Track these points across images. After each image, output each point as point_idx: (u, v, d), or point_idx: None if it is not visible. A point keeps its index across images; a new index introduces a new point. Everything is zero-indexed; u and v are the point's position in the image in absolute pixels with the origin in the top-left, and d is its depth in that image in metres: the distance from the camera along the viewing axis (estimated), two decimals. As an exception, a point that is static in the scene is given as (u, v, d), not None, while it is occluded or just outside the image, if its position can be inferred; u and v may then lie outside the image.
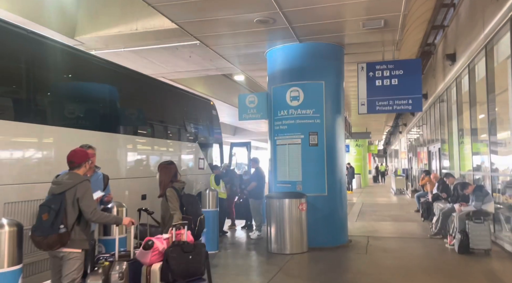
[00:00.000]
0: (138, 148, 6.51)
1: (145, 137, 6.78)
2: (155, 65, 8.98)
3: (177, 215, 3.74)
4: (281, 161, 7.22)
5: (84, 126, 5.30)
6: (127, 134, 6.20)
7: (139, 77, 6.78)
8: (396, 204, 14.68)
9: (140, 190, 6.35)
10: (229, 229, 9.24)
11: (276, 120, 7.36)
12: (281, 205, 6.54)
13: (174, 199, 3.78)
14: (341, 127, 7.42)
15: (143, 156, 6.63)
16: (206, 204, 6.62)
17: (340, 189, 7.29)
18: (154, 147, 6.99)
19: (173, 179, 4.00)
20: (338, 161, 7.25)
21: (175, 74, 9.81)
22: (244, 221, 9.32)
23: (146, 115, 7.04)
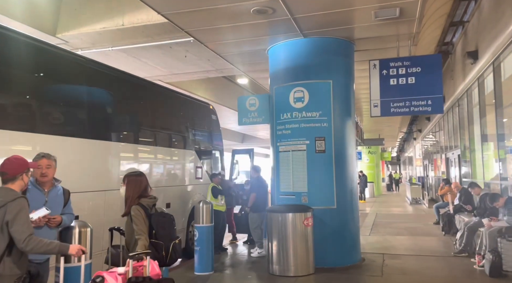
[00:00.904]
0: (123, 156, 5.82)
1: (132, 145, 6.09)
2: (150, 67, 8.36)
3: (142, 241, 2.99)
4: (284, 169, 6.45)
5: (53, 132, 4.63)
6: (109, 141, 5.52)
7: (123, 76, 6.12)
8: (412, 215, 13.72)
9: (121, 203, 5.63)
10: (230, 243, 8.48)
11: (278, 125, 6.61)
12: (284, 220, 5.76)
13: (141, 220, 3.04)
14: (351, 132, 6.63)
15: (128, 165, 5.94)
16: (199, 218, 5.88)
17: (351, 201, 6.48)
18: (143, 155, 6.30)
19: (143, 194, 3.26)
20: (349, 169, 6.46)
21: (172, 76, 9.17)
22: (246, 235, 8.55)
23: (134, 120, 6.37)
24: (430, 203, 16.78)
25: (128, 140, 6.04)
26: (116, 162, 5.60)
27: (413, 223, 11.46)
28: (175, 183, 7.06)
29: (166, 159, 6.93)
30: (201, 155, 8.05)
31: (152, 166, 6.47)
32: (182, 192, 7.24)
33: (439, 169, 18.47)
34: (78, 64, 5.23)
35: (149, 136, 6.60)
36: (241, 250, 7.93)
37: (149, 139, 6.55)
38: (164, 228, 3.07)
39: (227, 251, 7.77)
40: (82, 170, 4.96)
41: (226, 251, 7.74)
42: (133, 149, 6.02)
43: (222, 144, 9.10)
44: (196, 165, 7.83)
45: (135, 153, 6.08)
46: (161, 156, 6.79)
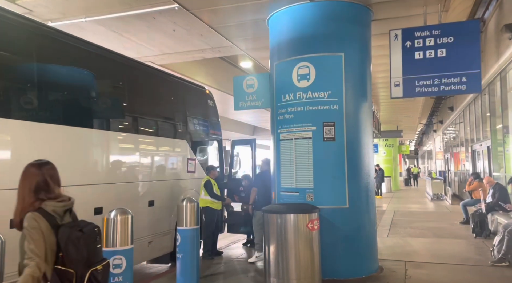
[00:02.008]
0: (96, 144, 4.86)
1: (105, 132, 5.11)
2: (135, 44, 7.36)
3: (31, 268, 1.91)
4: (286, 161, 5.40)
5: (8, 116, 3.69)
6: (72, 126, 4.54)
7: (98, 51, 5.14)
8: (435, 213, 12.48)
9: (94, 201, 4.69)
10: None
11: (279, 108, 5.55)
12: (284, 223, 4.71)
13: (37, 235, 1.93)
14: (367, 116, 5.52)
15: (102, 156, 4.98)
16: (182, 219, 4.89)
17: (367, 199, 5.39)
18: (120, 145, 5.32)
19: (43, 195, 2.14)
20: (364, 160, 5.36)
21: (164, 58, 8.17)
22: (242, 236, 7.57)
23: (109, 103, 5.40)
24: (454, 199, 15.47)
25: (100, 126, 5.06)
26: (83, 153, 4.63)
27: (436, 222, 10.26)
28: (161, 177, 6.08)
29: (150, 149, 5.94)
30: (194, 145, 7.05)
31: (132, 157, 5.50)
32: (170, 187, 6.26)
33: (462, 163, 17.10)
34: (38, 34, 4.26)
35: (128, 123, 5.62)
36: (239, 254, 6.93)
37: (128, 126, 5.57)
38: (78, 248, 1.98)
39: (222, 255, 6.78)
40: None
41: (221, 255, 6.75)
42: (106, 137, 5.04)
43: (220, 133, 8.08)
44: (188, 157, 6.83)
45: (110, 141, 5.10)
46: (144, 145, 5.80)
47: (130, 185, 5.37)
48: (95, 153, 4.87)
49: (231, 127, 21.55)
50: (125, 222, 3.70)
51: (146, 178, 5.75)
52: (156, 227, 5.86)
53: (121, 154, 5.30)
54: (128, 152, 5.46)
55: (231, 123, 21.83)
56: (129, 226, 3.73)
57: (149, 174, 5.84)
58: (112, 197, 5.00)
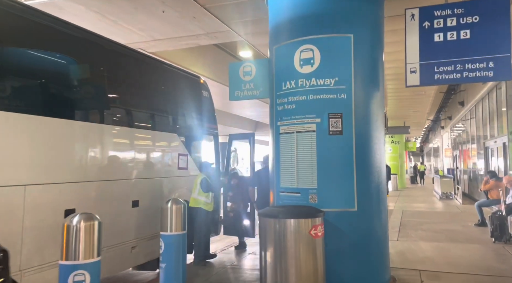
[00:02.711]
0: (69, 137, 4.24)
1: (83, 123, 4.48)
2: (122, 28, 6.71)
3: None
4: (286, 157, 4.75)
5: None
6: (43, 116, 3.93)
7: (73, 32, 4.51)
8: (445, 213, 11.80)
9: (64, 202, 4.08)
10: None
11: (279, 97, 4.89)
12: (283, 229, 4.07)
13: None
14: (379, 107, 4.86)
15: (76, 151, 4.35)
16: (166, 224, 4.27)
17: (378, 201, 4.74)
18: (98, 138, 4.69)
19: None
20: (375, 157, 4.71)
21: (155, 44, 7.52)
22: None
23: (87, 91, 4.77)
24: (465, 198, 14.79)
25: (73, 116, 4.43)
26: (52, 147, 4.01)
27: (449, 223, 9.59)
28: (148, 174, 5.46)
29: (135, 144, 5.32)
30: (186, 139, 6.42)
31: (112, 153, 4.88)
32: (158, 186, 5.64)
33: (473, 160, 16.39)
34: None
35: (108, 113, 4.99)
36: (235, 260, 6.31)
37: (108, 117, 4.95)
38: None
39: (214, 258, 6.16)
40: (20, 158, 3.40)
41: (214, 260, 6.13)
42: (81, 129, 4.42)
43: (216, 127, 7.44)
44: (180, 152, 6.20)
45: (86, 134, 4.48)
46: (127, 139, 5.18)
47: (110, 184, 4.75)
48: (68, 146, 4.23)
49: (232, 122, 20.91)
50: (90, 229, 3.06)
51: (130, 176, 5.13)
52: (141, 231, 5.24)
53: (99, 149, 4.67)
54: (108, 147, 4.83)
55: (232, 119, 21.19)
56: (96, 235, 3.09)
57: (134, 171, 5.22)
58: (87, 197, 4.39)
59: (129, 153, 5.18)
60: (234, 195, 6.82)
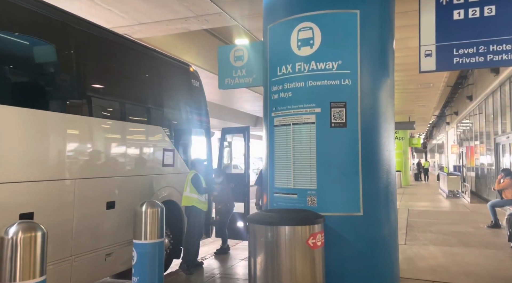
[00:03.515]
0: (26, 129, 3.62)
1: (53, 114, 3.87)
2: (104, 10, 6.08)
3: None
4: (281, 153, 4.12)
5: None
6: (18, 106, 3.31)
7: (32, 7, 3.87)
8: (454, 213, 11.16)
9: (20, 204, 3.47)
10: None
11: (273, 84, 4.26)
12: (276, 238, 3.44)
13: None
14: (388, 95, 4.22)
15: (38, 145, 3.74)
16: (140, 230, 3.66)
17: (387, 204, 4.11)
18: (66, 130, 4.07)
19: None
20: (383, 153, 4.07)
21: (141, 29, 6.88)
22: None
23: (57, 77, 4.15)
24: (473, 196, 14.15)
25: (37, 105, 3.81)
26: (6, 139, 3.40)
27: (459, 224, 8.95)
28: (126, 171, 4.85)
29: (111, 137, 4.70)
30: (173, 133, 5.80)
31: (83, 147, 4.26)
32: (138, 184, 5.03)
33: (481, 157, 15.73)
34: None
35: (81, 103, 4.38)
36: (228, 267, 5.71)
37: (81, 107, 4.32)
38: None
39: (202, 266, 5.57)
40: None
41: (202, 267, 5.54)
42: (48, 119, 3.80)
43: (208, 120, 6.81)
44: (165, 147, 5.58)
45: (53, 125, 3.87)
46: (102, 132, 4.56)
47: (80, 183, 4.13)
48: (24, 139, 3.61)
49: (230, 117, 20.26)
50: (31, 242, 2.45)
51: (104, 173, 4.51)
52: (117, 235, 4.63)
53: (66, 142, 4.05)
54: (78, 140, 4.21)
55: (230, 114, 20.55)
56: (39, 249, 2.48)
57: (109, 168, 4.60)
58: (49, 198, 3.77)
59: (103, 147, 4.56)
60: (220, 195, 6.23)
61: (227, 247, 6.46)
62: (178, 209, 5.75)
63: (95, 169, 4.37)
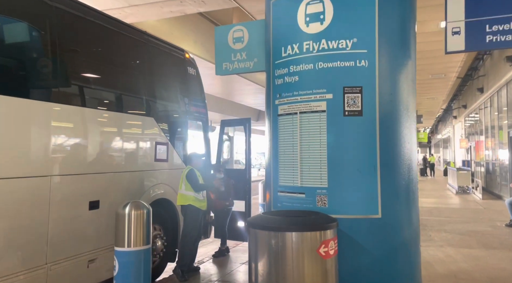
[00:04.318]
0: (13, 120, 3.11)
1: (30, 102, 3.35)
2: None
3: None
4: (286, 146, 3.59)
5: None
6: None
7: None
8: (467, 210, 10.61)
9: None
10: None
11: (277, 67, 3.72)
12: (281, 246, 2.92)
13: None
14: (410, 79, 3.67)
15: (8, 137, 3.22)
16: (122, 236, 3.14)
17: (408, 204, 3.57)
18: (47, 122, 3.55)
19: None
20: (404, 145, 3.53)
21: (132, 11, 6.33)
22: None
23: (20, 58, 3.62)
24: (485, 193, 13.59)
25: (15, 93, 3.29)
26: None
27: (475, 223, 8.41)
28: (113, 167, 4.33)
29: (95, 129, 4.17)
30: (167, 125, 5.28)
31: (64, 140, 3.75)
32: (127, 182, 4.51)
33: (490, 151, 15.15)
34: None
35: (63, 91, 3.86)
36: (228, 272, 5.20)
37: (62, 95, 3.80)
38: None
39: (199, 271, 5.07)
40: None
41: (198, 272, 5.04)
42: (26, 108, 3.28)
43: (205, 111, 6.27)
44: (157, 141, 5.06)
45: (29, 116, 3.35)
46: (85, 123, 4.03)
47: (57, 180, 3.61)
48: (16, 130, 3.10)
49: (232, 111, 19.70)
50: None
51: (86, 169, 3.99)
52: (102, 239, 4.12)
53: (41, 134, 3.53)
54: (55, 132, 3.68)
55: (232, 107, 19.99)
56: None
57: (92, 163, 4.08)
58: (18, 197, 3.26)
59: (85, 140, 4.03)
60: (220, 191, 5.72)
61: (227, 249, 5.96)
62: (172, 208, 5.24)
63: (75, 165, 3.85)
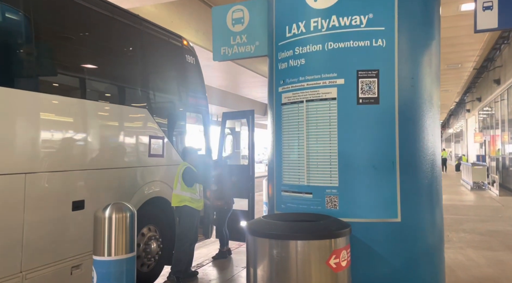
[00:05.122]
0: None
1: (6, 90, 2.97)
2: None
3: None
4: (291, 139, 3.14)
5: None
6: None
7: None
8: (484, 208, 10.07)
9: None
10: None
11: (280, 50, 3.26)
12: (283, 255, 2.48)
13: None
14: (434, 63, 3.19)
15: None
16: (100, 243, 2.73)
17: (432, 206, 3.11)
18: (24, 112, 3.16)
19: None
20: (427, 138, 3.06)
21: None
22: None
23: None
24: (502, 189, 13.00)
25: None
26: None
27: (494, 222, 7.90)
28: (101, 163, 3.93)
29: (80, 121, 3.77)
30: (162, 117, 4.86)
31: (48, 132, 3.36)
32: (115, 179, 4.12)
33: (508, 146, 14.52)
34: None
35: (46, 79, 3.46)
36: (230, 277, 4.80)
37: (45, 84, 3.41)
38: None
39: (197, 276, 4.67)
40: None
41: (196, 277, 4.63)
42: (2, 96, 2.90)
43: (205, 103, 5.85)
44: (152, 134, 4.65)
45: (9, 104, 2.95)
46: (69, 115, 3.63)
47: (31, 178, 3.22)
48: None
49: (237, 106, 19.25)
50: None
51: (69, 166, 3.59)
52: (88, 242, 3.72)
53: (14, 127, 3.13)
54: (32, 124, 3.28)
55: (237, 101, 19.54)
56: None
57: (75, 159, 3.68)
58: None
59: (68, 134, 3.63)
60: (217, 190, 5.32)
61: (228, 250, 5.55)
62: (169, 207, 4.84)
63: (55, 161, 3.45)
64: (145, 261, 4.52)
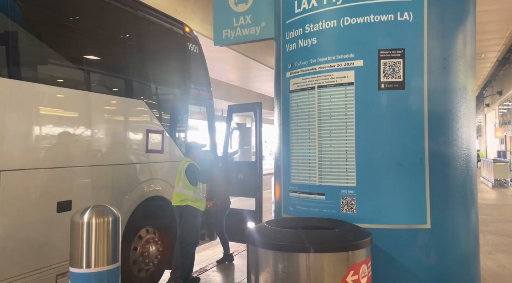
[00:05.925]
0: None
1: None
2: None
3: None
4: (300, 133, 2.71)
5: None
6: None
7: None
8: (508, 207, 9.48)
9: None
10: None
11: (288, 29, 2.83)
12: (291, 270, 2.06)
13: None
14: (469, 42, 2.71)
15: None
16: (78, 252, 2.34)
17: (466, 210, 2.64)
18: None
19: None
20: (461, 132, 2.60)
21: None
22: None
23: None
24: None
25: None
26: None
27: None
28: (88, 160, 3.56)
29: (72, 113, 3.40)
30: (162, 109, 4.47)
31: (30, 125, 3.00)
32: (107, 177, 3.74)
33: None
34: None
35: (33, 67, 3.11)
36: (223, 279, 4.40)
37: (30, 72, 3.05)
38: None
39: (199, 282, 4.30)
40: None
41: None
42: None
43: (210, 95, 5.44)
44: (150, 128, 4.26)
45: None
46: (57, 106, 3.27)
47: (6, 176, 2.86)
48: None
49: (246, 100, 18.81)
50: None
51: (52, 162, 3.22)
52: (75, 248, 3.36)
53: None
54: (12, 115, 2.92)
55: (246, 95, 19.08)
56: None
57: (61, 155, 3.31)
58: None
59: (53, 127, 3.26)
60: (212, 189, 4.91)
61: (230, 254, 5.15)
62: (169, 207, 4.46)
63: (36, 157, 3.08)
64: (143, 265, 4.16)
